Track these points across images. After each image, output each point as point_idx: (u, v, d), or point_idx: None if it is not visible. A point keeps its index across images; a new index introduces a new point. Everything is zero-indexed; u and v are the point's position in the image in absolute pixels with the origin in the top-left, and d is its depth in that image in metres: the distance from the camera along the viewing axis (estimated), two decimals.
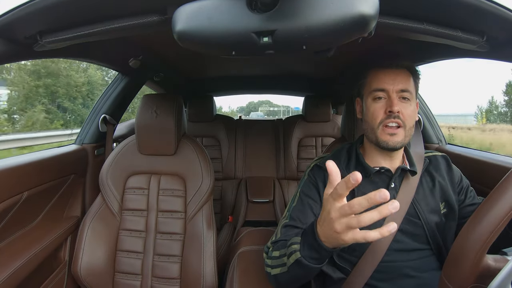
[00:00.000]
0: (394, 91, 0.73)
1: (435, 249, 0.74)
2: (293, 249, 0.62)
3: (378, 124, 0.73)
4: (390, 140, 0.72)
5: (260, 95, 39.44)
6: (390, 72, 0.74)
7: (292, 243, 0.63)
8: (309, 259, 0.59)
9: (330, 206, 0.49)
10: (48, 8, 0.55)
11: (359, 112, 0.83)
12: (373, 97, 0.75)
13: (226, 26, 0.47)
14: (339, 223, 0.48)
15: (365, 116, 0.78)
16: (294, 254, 0.61)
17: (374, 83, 0.75)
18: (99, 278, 1.00)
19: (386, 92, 0.73)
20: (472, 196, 0.80)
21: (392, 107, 0.71)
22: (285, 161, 1.97)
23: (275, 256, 0.69)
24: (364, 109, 0.79)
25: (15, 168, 0.87)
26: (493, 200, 0.45)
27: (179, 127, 1.09)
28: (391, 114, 0.71)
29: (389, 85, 0.73)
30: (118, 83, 1.31)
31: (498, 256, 0.46)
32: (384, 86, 0.73)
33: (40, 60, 11.62)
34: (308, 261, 0.59)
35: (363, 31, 0.47)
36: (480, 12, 0.53)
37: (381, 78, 0.74)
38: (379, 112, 0.73)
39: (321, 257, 0.58)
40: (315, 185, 0.80)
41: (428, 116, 1.36)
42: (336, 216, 0.48)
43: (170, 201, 1.07)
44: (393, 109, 0.71)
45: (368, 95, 0.76)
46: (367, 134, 0.78)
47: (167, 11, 0.56)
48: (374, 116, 0.74)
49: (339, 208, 0.47)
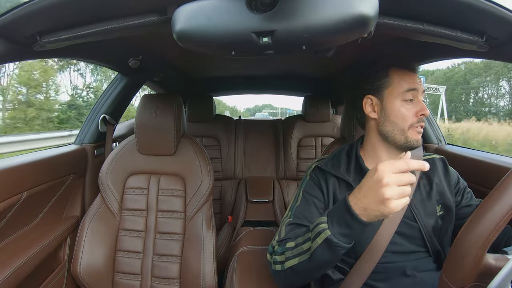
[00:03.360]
0: (421, 92, 0.75)
1: (432, 251, 0.74)
2: (321, 228, 0.60)
3: (409, 126, 0.74)
4: (419, 139, 0.75)
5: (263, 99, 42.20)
6: (415, 74, 0.76)
7: (318, 223, 0.62)
8: (340, 236, 0.58)
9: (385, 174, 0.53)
10: (48, 8, 0.55)
11: (372, 112, 0.79)
12: (404, 99, 0.74)
13: (226, 26, 0.47)
14: (392, 189, 0.52)
15: (390, 116, 0.75)
16: (323, 233, 0.59)
17: (404, 83, 0.74)
18: (98, 278, 1.00)
19: (415, 93, 0.74)
20: (468, 197, 0.80)
21: (425, 111, 0.73)
22: (284, 161, 1.97)
23: (291, 247, 0.67)
24: (386, 109, 0.76)
25: (14, 168, 0.87)
26: (493, 199, 0.45)
27: (179, 127, 1.09)
28: (421, 117, 0.73)
29: (418, 85, 0.74)
30: (117, 83, 1.31)
31: (499, 255, 0.47)
32: (416, 86, 0.74)
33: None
34: (338, 239, 0.58)
35: (363, 31, 0.47)
36: (479, 12, 0.53)
37: (411, 79, 0.75)
38: (410, 114, 0.74)
39: (352, 234, 0.58)
40: (318, 185, 0.80)
41: (428, 116, 1.36)
42: (392, 181, 0.52)
43: (170, 201, 1.07)
44: (425, 112, 0.73)
45: (397, 95, 0.74)
46: (391, 135, 0.76)
47: (167, 11, 0.56)
48: (405, 118, 0.74)
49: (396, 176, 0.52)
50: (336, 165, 0.81)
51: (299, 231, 0.72)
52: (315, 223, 0.63)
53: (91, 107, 1.33)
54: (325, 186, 0.79)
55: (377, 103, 0.78)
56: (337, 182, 0.79)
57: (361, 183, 0.58)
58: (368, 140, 0.82)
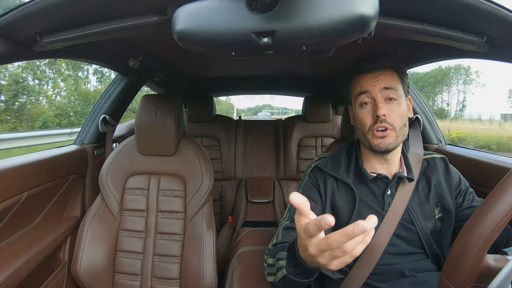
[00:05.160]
0: (378, 91, 0.72)
1: (430, 253, 0.74)
2: (280, 265, 0.62)
3: (368, 130, 0.73)
4: (381, 143, 0.71)
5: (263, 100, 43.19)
6: (371, 74, 0.74)
7: (279, 258, 0.64)
8: (296, 275, 0.59)
9: (306, 242, 0.45)
10: (48, 8, 0.55)
11: (352, 119, 0.83)
12: (360, 103, 0.75)
13: (226, 26, 0.47)
14: (322, 257, 0.45)
15: (356, 123, 0.79)
16: (281, 270, 0.62)
17: (357, 87, 0.75)
18: (98, 278, 1.00)
19: (370, 94, 0.73)
20: (470, 198, 0.79)
21: (377, 111, 0.70)
22: (284, 162, 1.97)
23: (270, 264, 0.70)
24: (354, 116, 0.80)
25: (15, 168, 0.87)
26: (493, 199, 0.45)
27: (179, 128, 1.09)
28: (377, 119, 0.71)
29: (371, 85, 0.73)
30: (118, 83, 1.31)
31: (499, 256, 0.46)
32: (367, 88, 0.73)
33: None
34: (296, 277, 0.59)
35: (363, 31, 0.47)
36: (480, 12, 0.53)
37: (363, 81, 0.74)
38: (367, 117, 0.73)
39: (307, 274, 0.58)
40: (316, 186, 0.80)
41: (428, 116, 1.36)
42: (316, 252, 0.45)
43: (170, 202, 1.07)
44: (378, 113, 0.70)
45: (355, 101, 0.76)
46: (360, 140, 0.79)
47: (167, 12, 0.56)
48: (362, 122, 0.74)
49: (317, 244, 0.44)
50: (336, 165, 0.81)
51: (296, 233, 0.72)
52: (277, 256, 0.65)
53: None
54: (323, 187, 0.79)
55: (351, 111, 0.82)
56: (335, 183, 0.79)
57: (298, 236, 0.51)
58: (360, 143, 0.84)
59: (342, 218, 0.76)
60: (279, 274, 0.63)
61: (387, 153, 0.74)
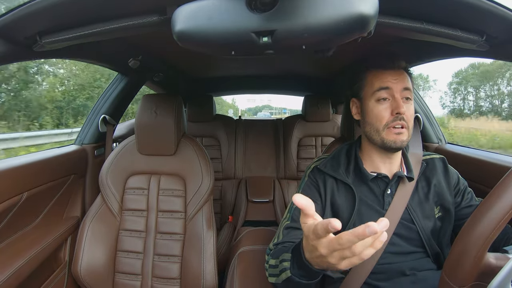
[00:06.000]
0: (399, 90, 0.72)
1: (430, 252, 0.74)
2: (284, 266, 0.61)
3: (384, 126, 0.72)
4: (398, 139, 0.71)
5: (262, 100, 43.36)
6: (392, 71, 0.74)
7: (283, 259, 0.63)
8: (300, 277, 0.58)
9: (316, 243, 0.45)
10: (48, 9, 0.55)
11: (357, 114, 0.82)
12: (377, 98, 0.74)
13: (225, 26, 0.47)
14: (332, 257, 0.44)
15: (367, 117, 0.77)
16: (285, 272, 0.61)
17: (376, 82, 0.74)
18: (99, 278, 1.00)
19: (390, 91, 0.72)
20: (469, 197, 0.80)
21: (399, 109, 0.70)
22: (285, 161, 1.97)
23: (272, 265, 0.69)
24: (364, 110, 0.78)
25: (15, 169, 0.87)
26: (494, 198, 0.45)
27: (179, 127, 1.09)
28: (397, 116, 0.71)
29: (393, 83, 0.72)
30: (117, 83, 1.31)
31: (499, 254, 0.46)
32: (389, 84, 0.73)
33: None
34: (299, 279, 0.58)
35: (363, 30, 0.47)
36: (479, 11, 0.53)
37: (384, 77, 0.74)
38: (385, 113, 0.72)
39: (312, 276, 0.57)
40: (316, 186, 0.80)
41: (428, 115, 1.36)
42: (327, 252, 0.44)
43: (170, 201, 1.07)
44: (400, 110, 0.70)
45: (371, 96, 0.75)
46: (370, 136, 0.77)
47: (167, 11, 0.56)
48: (379, 118, 0.73)
49: (327, 244, 0.44)
50: (336, 166, 0.81)
51: (297, 233, 0.73)
52: (281, 257, 0.64)
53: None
54: (323, 188, 0.79)
55: (358, 105, 0.80)
56: (335, 183, 0.79)
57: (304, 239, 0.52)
58: (362, 141, 0.83)
59: (342, 217, 0.76)
60: (283, 275, 0.62)
61: (397, 151, 0.75)
